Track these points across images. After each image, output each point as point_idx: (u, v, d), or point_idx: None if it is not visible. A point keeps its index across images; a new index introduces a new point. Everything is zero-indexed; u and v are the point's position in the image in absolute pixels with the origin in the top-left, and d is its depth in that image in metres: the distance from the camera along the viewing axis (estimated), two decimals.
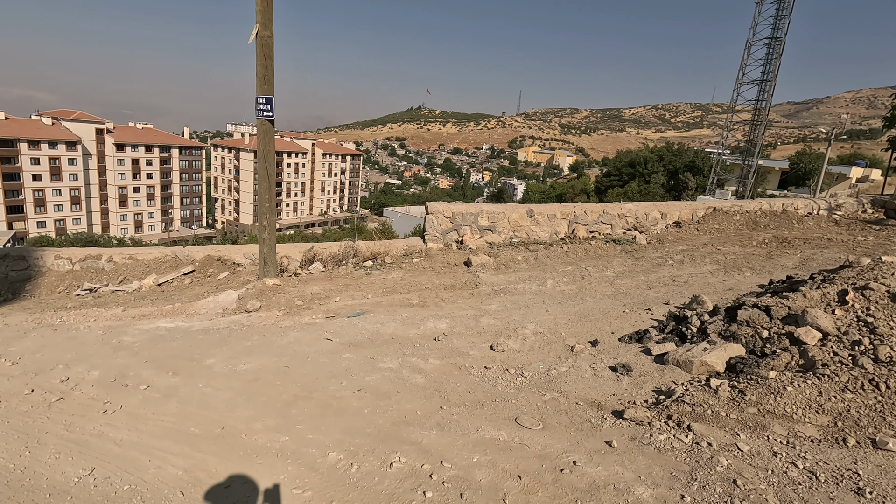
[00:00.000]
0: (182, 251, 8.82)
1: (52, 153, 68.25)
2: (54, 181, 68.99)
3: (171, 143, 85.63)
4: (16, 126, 66.22)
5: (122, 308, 6.47)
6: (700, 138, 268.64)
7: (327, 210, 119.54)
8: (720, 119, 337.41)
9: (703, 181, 52.71)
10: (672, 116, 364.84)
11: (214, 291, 6.85)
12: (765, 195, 48.72)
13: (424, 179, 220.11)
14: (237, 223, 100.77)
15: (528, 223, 9.27)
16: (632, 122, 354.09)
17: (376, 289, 6.50)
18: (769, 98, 42.82)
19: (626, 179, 60.57)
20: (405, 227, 70.79)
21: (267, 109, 6.12)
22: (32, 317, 6.60)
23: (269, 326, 5.32)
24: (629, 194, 52.41)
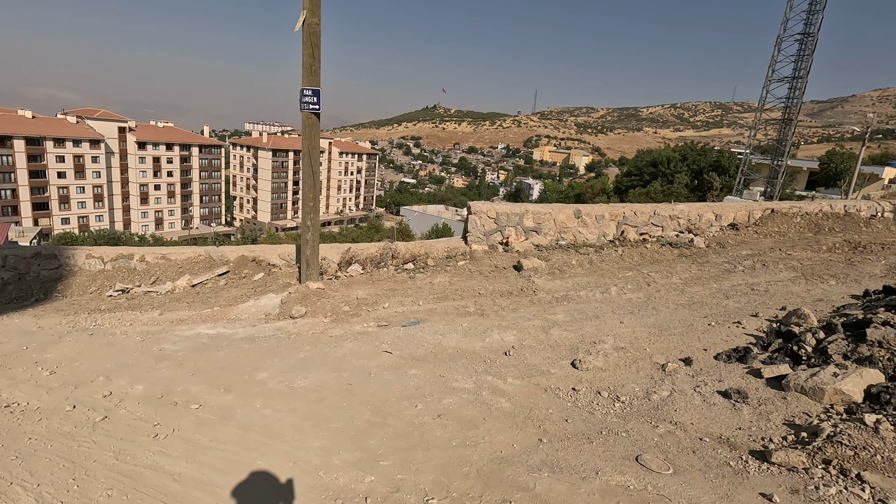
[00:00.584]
0: (215, 251, 8.51)
1: (76, 151, 69.49)
2: (78, 179, 70.24)
3: (191, 141, 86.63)
4: (42, 125, 67.56)
5: (159, 311, 6.15)
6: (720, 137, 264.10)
7: (343, 209, 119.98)
8: (741, 118, 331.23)
9: (728, 181, 51.34)
10: (691, 115, 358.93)
11: (254, 295, 6.49)
12: (793, 196, 47.23)
13: (439, 178, 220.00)
14: (255, 221, 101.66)
15: (574, 224, 8.76)
16: (649, 122, 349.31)
17: (425, 294, 6.07)
18: (800, 96, 41.41)
19: (647, 179, 59.37)
20: (422, 225, 70.64)
21: (313, 102, 5.72)
22: (66, 319, 6.33)
23: (319, 335, 4.92)
24: (652, 194, 51.29)
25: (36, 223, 62.67)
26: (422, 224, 69.99)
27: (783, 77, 41.86)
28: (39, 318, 6.49)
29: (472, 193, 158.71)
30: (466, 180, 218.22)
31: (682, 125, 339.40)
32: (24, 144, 63.85)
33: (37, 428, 3.29)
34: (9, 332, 5.96)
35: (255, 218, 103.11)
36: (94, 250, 8.59)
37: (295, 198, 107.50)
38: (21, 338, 5.73)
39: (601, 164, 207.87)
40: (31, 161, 64.71)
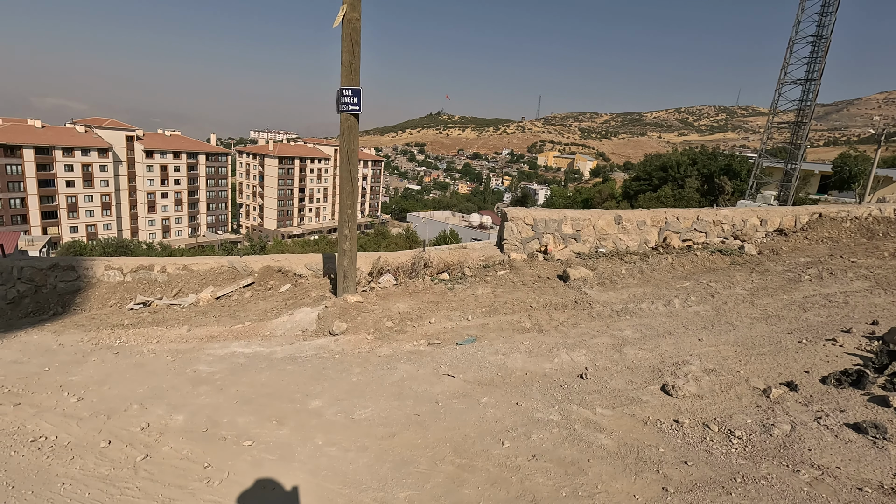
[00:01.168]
0: (239, 261, 8.14)
1: (84, 160, 69.77)
2: (86, 187, 70.47)
3: (197, 149, 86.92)
4: (51, 134, 67.93)
5: (187, 327, 5.75)
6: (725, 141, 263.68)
7: None
8: (746, 122, 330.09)
9: (739, 185, 50.75)
10: (696, 120, 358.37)
11: (286, 308, 6.10)
12: (808, 200, 46.55)
13: (444, 184, 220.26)
14: (261, 228, 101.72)
15: (615, 231, 8.33)
16: (653, 126, 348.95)
17: (472, 308, 5.65)
18: (814, 98, 40.88)
19: (657, 184, 58.82)
20: (429, 232, 70.21)
21: (353, 103, 5.34)
22: (88, 336, 5.94)
23: (366, 355, 4.50)
24: (662, 199, 50.76)
25: (45, 232, 62.79)
26: (429, 230, 69.65)
27: (796, 80, 41.38)
28: (59, 334, 6.11)
29: (476, 199, 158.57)
30: (471, 186, 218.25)
31: (686, 129, 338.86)
32: (34, 154, 64.15)
33: (70, 469, 2.88)
34: (28, 351, 5.59)
35: (262, 225, 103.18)
36: (114, 261, 8.23)
37: (301, 205, 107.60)
38: (42, 357, 5.35)
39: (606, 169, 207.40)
40: (40, 170, 64.99)
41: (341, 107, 5.39)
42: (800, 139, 42.35)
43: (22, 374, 4.79)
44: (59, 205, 67.83)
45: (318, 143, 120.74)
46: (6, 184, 62.06)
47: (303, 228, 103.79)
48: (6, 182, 62.04)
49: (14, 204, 63.45)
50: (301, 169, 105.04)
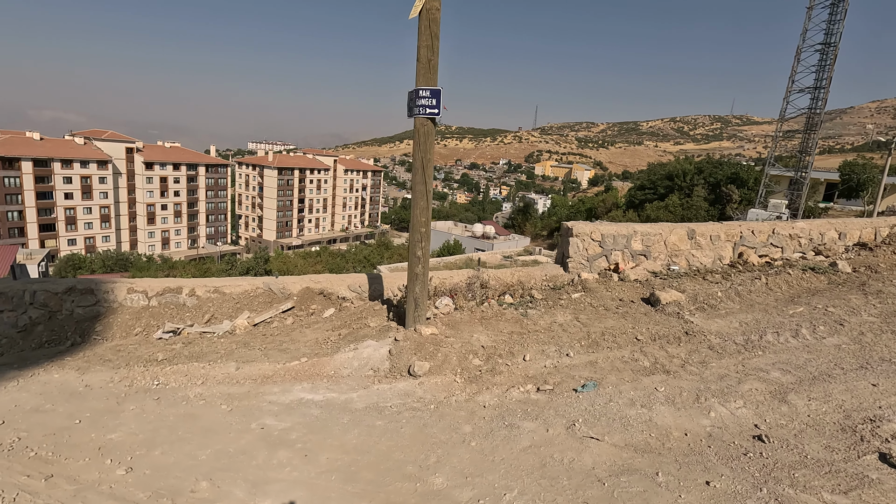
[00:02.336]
0: (275, 283, 7.37)
1: (83, 172, 68.97)
2: (85, 199, 69.57)
3: (197, 161, 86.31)
4: (50, 146, 67.17)
5: (234, 365, 4.97)
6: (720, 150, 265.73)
7: (349, 226, 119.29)
8: (741, 131, 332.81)
9: (747, 194, 50.38)
10: (691, 129, 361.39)
11: (344, 341, 5.32)
12: (816, 208, 46.18)
13: (442, 194, 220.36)
14: (260, 239, 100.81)
15: (687, 247, 7.61)
16: (650, 135, 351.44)
17: (564, 340, 4.90)
18: (823, 106, 40.65)
19: (662, 193, 58.43)
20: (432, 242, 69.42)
21: (432, 105, 4.64)
22: (118, 375, 5.15)
23: (467, 405, 3.74)
24: (671, 208, 50.32)
25: (42, 245, 61.73)
26: (431, 240, 68.72)
27: (804, 88, 41.17)
28: (84, 372, 5.32)
29: (475, 209, 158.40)
30: (469, 196, 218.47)
31: (682, 138, 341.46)
32: (32, 166, 63.32)
33: None
34: (50, 395, 4.79)
35: (261, 236, 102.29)
36: (137, 283, 7.45)
37: (300, 216, 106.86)
38: (68, 403, 4.55)
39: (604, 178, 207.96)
40: (38, 182, 64.09)
41: (418, 109, 4.67)
42: (809, 147, 42.04)
43: (48, 428, 4.00)
44: (57, 217, 66.84)
45: (318, 153, 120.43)
46: (4, 196, 61.10)
47: (302, 239, 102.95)
48: (4, 195, 61.10)
49: (12, 217, 62.43)
50: (301, 180, 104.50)
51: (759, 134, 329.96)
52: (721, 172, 53.62)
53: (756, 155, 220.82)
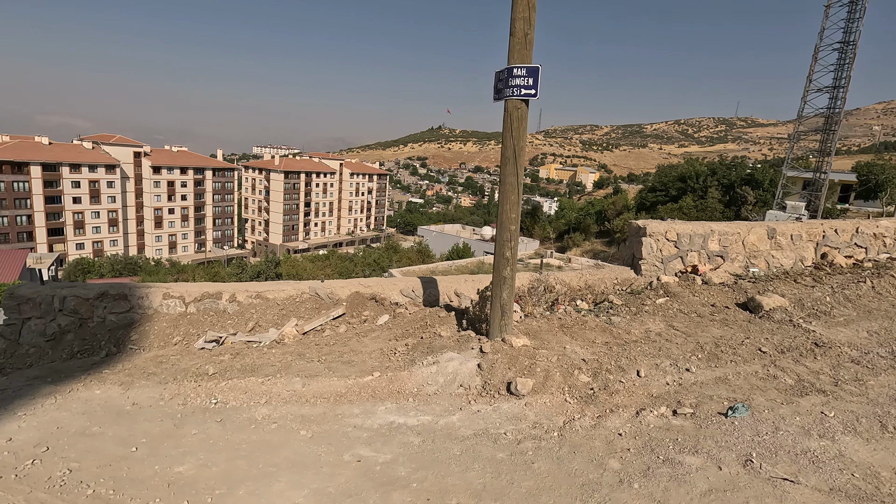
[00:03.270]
0: (322, 287, 6.83)
1: (91, 176, 68.91)
2: (93, 204, 69.48)
3: (204, 165, 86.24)
4: (59, 151, 67.15)
5: (300, 381, 4.41)
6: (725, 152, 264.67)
7: (354, 229, 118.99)
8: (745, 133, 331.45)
9: (762, 195, 49.61)
10: (695, 131, 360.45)
11: (418, 353, 4.76)
12: (835, 210, 45.36)
13: (447, 198, 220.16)
14: (267, 243, 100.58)
15: (766, 247, 7.03)
16: (654, 138, 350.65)
17: (674, 351, 4.33)
18: (843, 105, 39.93)
19: (674, 195, 57.69)
20: (440, 245, 68.85)
21: (528, 85, 4.08)
22: (167, 390, 4.61)
23: (596, 432, 3.17)
24: (685, 210, 49.58)
25: (51, 249, 61.55)
26: (440, 244, 68.44)
27: (823, 87, 40.47)
28: (128, 387, 4.77)
29: (480, 212, 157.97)
30: (474, 199, 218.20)
31: (686, 141, 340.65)
32: (41, 171, 63.27)
33: None
34: (94, 414, 4.25)
35: (267, 240, 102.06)
36: (173, 288, 6.91)
37: (306, 219, 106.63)
38: (117, 425, 4.01)
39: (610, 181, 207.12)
40: (47, 187, 64.02)
41: (511, 91, 4.12)
42: (828, 147, 41.29)
43: (102, 457, 3.46)
44: (65, 222, 66.72)
45: (324, 157, 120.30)
46: (13, 201, 61.02)
47: (308, 243, 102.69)
48: (13, 199, 61.02)
49: (20, 221, 62.33)
50: (307, 183, 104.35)
51: (764, 136, 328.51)
52: (735, 174, 52.88)
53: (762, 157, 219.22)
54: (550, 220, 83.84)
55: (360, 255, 63.13)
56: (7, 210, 60.82)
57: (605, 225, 63.35)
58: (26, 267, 37.84)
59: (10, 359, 6.46)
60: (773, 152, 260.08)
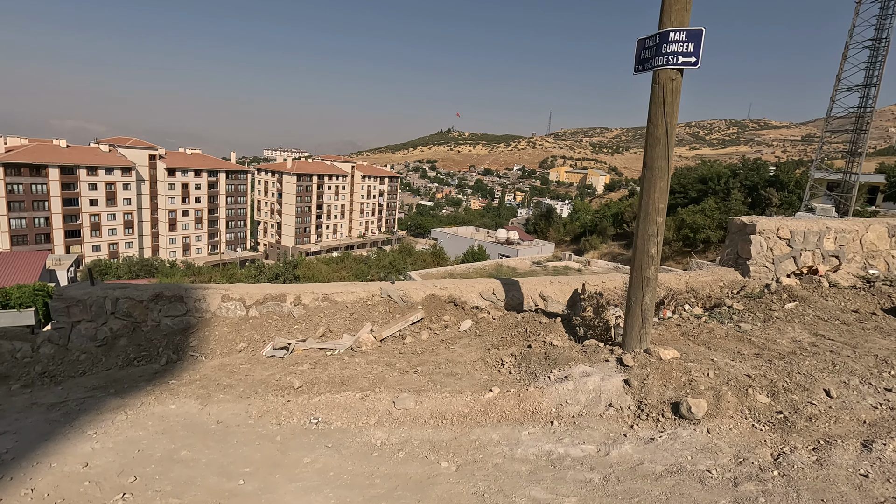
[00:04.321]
0: (395, 290, 6.24)
1: (108, 179, 69.28)
2: (110, 206, 69.83)
3: (218, 167, 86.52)
4: (76, 153, 67.60)
5: (409, 398, 3.81)
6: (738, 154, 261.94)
7: (366, 232, 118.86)
8: (758, 135, 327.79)
9: (787, 197, 48.46)
10: (706, 134, 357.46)
11: (541, 368, 4.15)
12: (865, 212, 44.10)
13: (456, 200, 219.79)
14: (279, 245, 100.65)
15: (886, 246, 6.33)
16: None
17: (854, 366, 3.68)
18: (874, 104, 38.82)
19: (694, 197, 56.60)
20: (454, 248, 68.23)
21: (686, 52, 3.47)
22: (253, 407, 4.04)
23: (827, 472, 2.54)
24: (707, 212, 48.56)
25: (68, 251, 61.82)
26: (455, 246, 67.84)
27: (853, 85, 39.39)
28: (206, 401, 4.20)
29: (490, 214, 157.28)
30: (483, 202, 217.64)
31: (698, 143, 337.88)
32: (59, 173, 63.68)
33: None
34: (176, 434, 3.69)
35: (279, 242, 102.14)
36: (232, 290, 6.36)
37: (318, 222, 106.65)
38: (208, 449, 3.44)
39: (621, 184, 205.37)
40: (64, 189, 64.42)
41: (664, 59, 3.51)
42: (859, 148, 40.15)
43: (205, 492, 2.88)
44: (82, 224, 67.08)
45: (336, 160, 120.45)
46: (31, 203, 61.44)
47: (320, 245, 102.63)
48: (31, 201, 61.43)
49: (38, 223, 62.72)
50: (319, 186, 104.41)
51: (777, 138, 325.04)
52: (758, 175, 51.74)
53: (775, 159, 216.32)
54: (565, 223, 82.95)
55: (375, 257, 62.68)
56: (26, 212, 61.23)
57: (623, 227, 62.44)
58: (46, 268, 37.82)
59: (61, 365, 5.94)
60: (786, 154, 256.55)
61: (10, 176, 59.53)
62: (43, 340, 6.40)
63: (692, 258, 37.25)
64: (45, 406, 4.44)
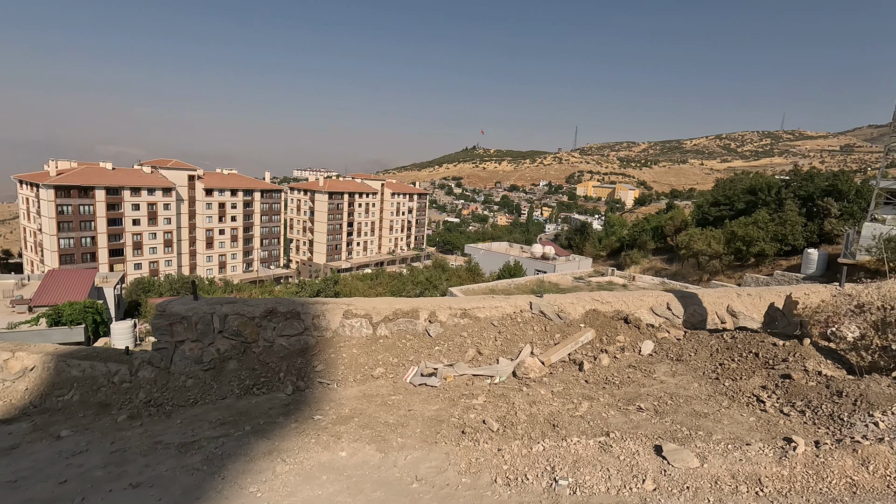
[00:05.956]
0: (547, 304, 5.24)
1: (150, 199, 71.25)
2: (151, 225, 71.63)
3: (253, 186, 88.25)
4: (121, 175, 69.95)
5: (687, 453, 2.75)
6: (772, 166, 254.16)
7: (395, 248, 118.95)
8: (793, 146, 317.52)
9: (847, 207, 45.57)
10: (738, 145, 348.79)
11: (841, 409, 3.04)
12: None
13: (482, 217, 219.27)
14: (311, 263, 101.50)
15: None
16: (694, 153, 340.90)
17: None
18: None
19: (742, 208, 54.02)
20: (488, 264, 67.02)
21: None
22: (451, 456, 3.06)
23: None
24: (760, 224, 46.08)
25: (111, 269, 63.42)
26: (490, 262, 66.65)
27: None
28: (381, 446, 3.25)
29: (518, 230, 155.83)
30: (510, 218, 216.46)
31: (729, 155, 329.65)
32: (105, 194, 65.82)
33: None
34: (365, 492, 2.76)
35: (311, 260, 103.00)
36: (356, 305, 5.46)
37: (349, 239, 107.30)
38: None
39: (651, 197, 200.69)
40: (109, 210, 66.46)
41: None
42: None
43: None
44: (125, 242, 68.91)
45: (366, 177, 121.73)
46: (79, 223, 63.50)
47: (351, 262, 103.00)
48: (79, 222, 63.51)
49: (84, 242, 64.70)
50: (350, 204, 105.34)
51: (814, 149, 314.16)
52: (812, 185, 48.95)
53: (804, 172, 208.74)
54: (600, 238, 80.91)
55: (410, 273, 62.06)
56: (73, 232, 63.28)
57: (665, 242, 60.18)
58: (94, 286, 38.45)
59: (165, 392, 5.13)
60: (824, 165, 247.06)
61: (60, 197, 61.81)
62: (141, 363, 5.63)
63: (664, 279, 34.74)
64: (174, 448, 3.58)
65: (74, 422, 4.73)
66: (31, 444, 4.25)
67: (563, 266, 58.62)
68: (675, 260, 58.96)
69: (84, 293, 35.42)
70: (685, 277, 50.06)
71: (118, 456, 3.64)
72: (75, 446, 4.01)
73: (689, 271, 54.16)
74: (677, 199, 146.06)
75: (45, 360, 5.84)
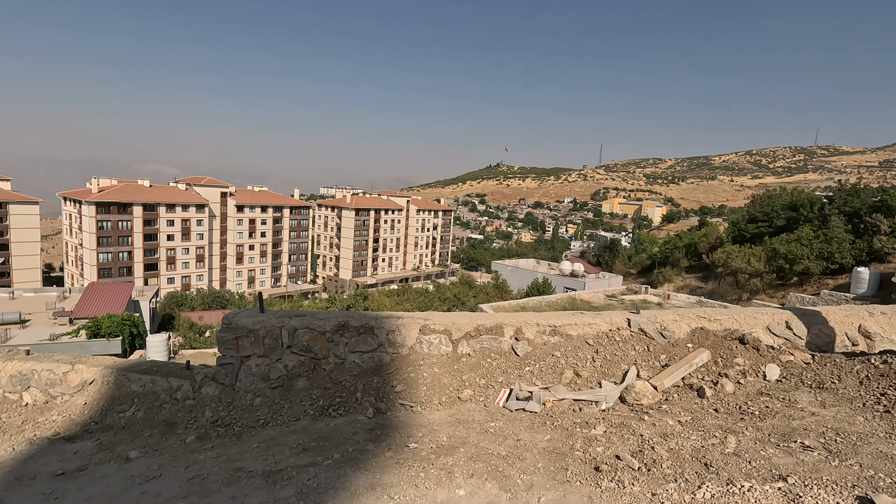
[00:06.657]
0: (647, 322, 4.72)
1: (184, 215, 73.30)
2: (184, 240, 73.54)
3: (283, 203, 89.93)
4: (158, 192, 72.33)
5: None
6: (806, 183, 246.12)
7: (420, 265, 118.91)
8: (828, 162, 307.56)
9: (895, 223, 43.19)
10: (770, 161, 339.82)
11: None
12: None
13: (507, 234, 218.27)
14: (337, 278, 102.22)
15: None
16: (723, 170, 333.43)
17: None
18: None
19: (780, 225, 51.94)
20: (516, 280, 66.01)
21: None
22: (598, 500, 2.55)
23: None
24: (804, 241, 44.06)
25: (146, 283, 65.11)
26: (517, 279, 65.67)
27: None
28: (507, 487, 2.78)
29: (543, 247, 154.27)
30: (534, 235, 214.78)
31: (760, 172, 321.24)
32: (142, 210, 68.06)
33: None
34: None
35: (337, 275, 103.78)
36: (434, 320, 5.04)
37: (375, 255, 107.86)
38: None
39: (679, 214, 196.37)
40: (145, 225, 68.62)
41: None
42: None
43: None
44: (159, 257, 70.84)
45: (392, 194, 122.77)
46: (117, 238, 65.68)
47: (376, 278, 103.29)
48: (117, 237, 65.70)
49: (122, 257, 66.77)
50: (376, 220, 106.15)
51: (850, 164, 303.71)
52: (859, 201, 46.71)
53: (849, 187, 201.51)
54: (630, 255, 79.02)
55: (435, 289, 61.65)
56: (112, 247, 65.49)
57: (699, 259, 58.23)
58: (131, 299, 39.32)
59: (232, 411, 4.78)
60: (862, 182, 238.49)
61: (100, 213, 64.20)
62: (203, 378, 5.31)
63: (701, 297, 32.63)
64: (258, 477, 3.19)
65: (141, 441, 4.41)
66: (98, 465, 3.93)
67: (592, 283, 57.21)
68: (710, 278, 56.88)
69: (122, 306, 36.22)
70: (723, 296, 48.10)
71: (197, 484, 3.27)
72: (147, 470, 3.67)
73: (726, 290, 52.08)
74: (707, 216, 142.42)
75: (104, 374, 5.59)
